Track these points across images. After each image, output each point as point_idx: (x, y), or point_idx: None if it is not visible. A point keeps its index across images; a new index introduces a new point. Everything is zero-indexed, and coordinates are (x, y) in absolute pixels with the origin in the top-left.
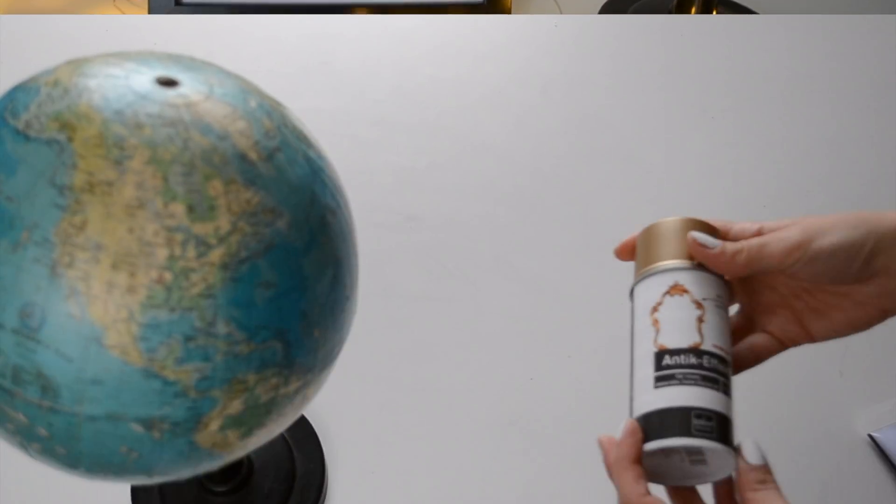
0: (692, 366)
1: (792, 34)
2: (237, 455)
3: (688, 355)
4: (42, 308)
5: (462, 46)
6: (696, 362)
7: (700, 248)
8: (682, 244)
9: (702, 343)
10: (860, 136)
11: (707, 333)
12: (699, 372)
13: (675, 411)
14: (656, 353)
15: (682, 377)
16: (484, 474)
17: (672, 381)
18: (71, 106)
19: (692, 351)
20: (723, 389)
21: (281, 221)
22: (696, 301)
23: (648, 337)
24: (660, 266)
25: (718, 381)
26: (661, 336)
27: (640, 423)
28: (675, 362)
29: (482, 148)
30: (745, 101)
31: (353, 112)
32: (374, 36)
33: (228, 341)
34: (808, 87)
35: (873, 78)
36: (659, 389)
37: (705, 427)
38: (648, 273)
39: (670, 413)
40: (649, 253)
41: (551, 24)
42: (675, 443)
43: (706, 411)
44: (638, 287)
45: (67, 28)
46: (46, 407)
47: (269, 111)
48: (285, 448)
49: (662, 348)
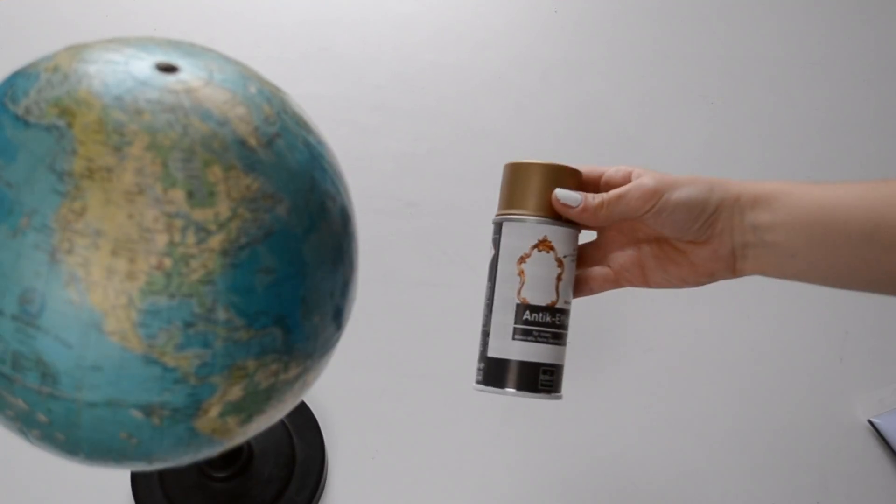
0: (547, 324)
1: (794, 17)
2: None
3: (545, 313)
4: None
5: (462, 32)
6: (549, 320)
7: (564, 207)
8: (550, 196)
9: (557, 301)
10: (862, 120)
11: (562, 291)
12: (552, 330)
13: (528, 366)
14: (518, 305)
15: (537, 334)
16: (484, 459)
17: (529, 336)
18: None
19: (548, 309)
20: (564, 342)
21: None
22: (559, 259)
23: (513, 285)
24: (530, 216)
25: (562, 335)
26: (525, 289)
27: (493, 364)
28: (533, 318)
29: (482, 134)
30: (744, 86)
31: (353, 98)
32: (374, 22)
33: (228, 327)
34: (809, 71)
35: (877, 61)
36: (517, 342)
37: (548, 381)
38: (518, 218)
39: (523, 367)
40: (520, 196)
41: (551, 9)
42: (522, 395)
43: (551, 366)
44: (507, 226)
45: (67, 13)
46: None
47: (268, 97)
48: (285, 434)
49: (525, 302)
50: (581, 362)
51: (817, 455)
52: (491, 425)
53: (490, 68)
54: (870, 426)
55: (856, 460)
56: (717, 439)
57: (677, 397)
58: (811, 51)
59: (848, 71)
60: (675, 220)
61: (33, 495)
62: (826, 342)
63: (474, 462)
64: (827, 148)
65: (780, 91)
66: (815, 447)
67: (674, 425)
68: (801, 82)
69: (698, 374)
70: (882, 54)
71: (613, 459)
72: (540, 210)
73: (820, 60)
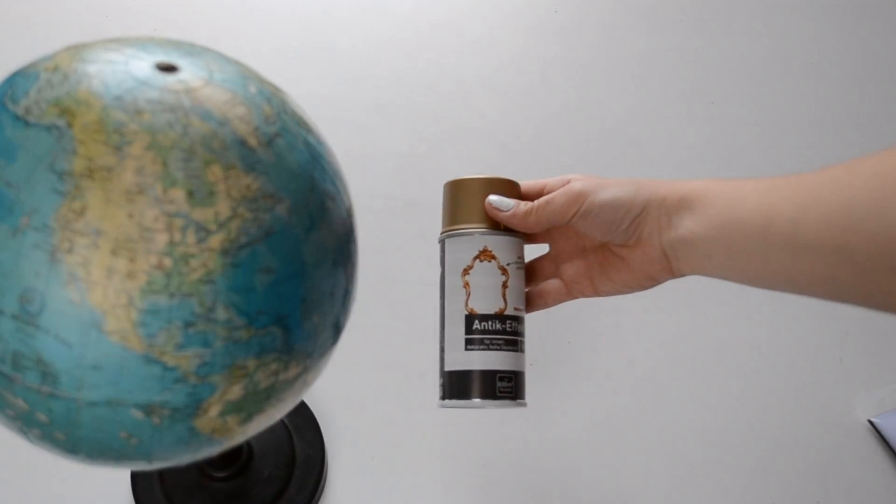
0: (497, 331)
1: (793, 17)
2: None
3: (493, 321)
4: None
5: (462, 32)
6: (500, 328)
7: (496, 211)
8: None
9: (505, 308)
10: (862, 120)
11: (510, 298)
12: (503, 337)
13: (484, 374)
14: (467, 316)
15: (489, 342)
16: (485, 459)
17: (480, 345)
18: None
19: (497, 317)
20: (520, 348)
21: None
22: (502, 267)
23: (460, 298)
24: (469, 228)
25: (517, 342)
26: (472, 300)
27: (451, 378)
28: (483, 327)
29: (482, 133)
30: (744, 86)
31: (353, 97)
32: (374, 21)
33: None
34: (809, 71)
35: (877, 61)
36: (469, 352)
37: (507, 388)
38: (459, 232)
39: (480, 375)
40: (460, 210)
41: (551, 9)
42: (482, 404)
43: (508, 373)
44: (449, 242)
45: (67, 13)
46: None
47: (268, 97)
48: (285, 434)
49: (473, 312)
50: (581, 363)
51: (817, 455)
52: (491, 425)
53: (490, 68)
54: (870, 426)
55: (856, 460)
56: (717, 439)
57: (677, 397)
58: (811, 51)
59: (848, 71)
60: (601, 222)
61: (33, 495)
62: (826, 342)
63: (474, 462)
64: (827, 148)
65: (780, 91)
66: (815, 447)
67: (674, 425)
68: (801, 82)
69: (698, 374)
70: (882, 54)
71: (614, 459)
72: (478, 222)
73: (820, 60)
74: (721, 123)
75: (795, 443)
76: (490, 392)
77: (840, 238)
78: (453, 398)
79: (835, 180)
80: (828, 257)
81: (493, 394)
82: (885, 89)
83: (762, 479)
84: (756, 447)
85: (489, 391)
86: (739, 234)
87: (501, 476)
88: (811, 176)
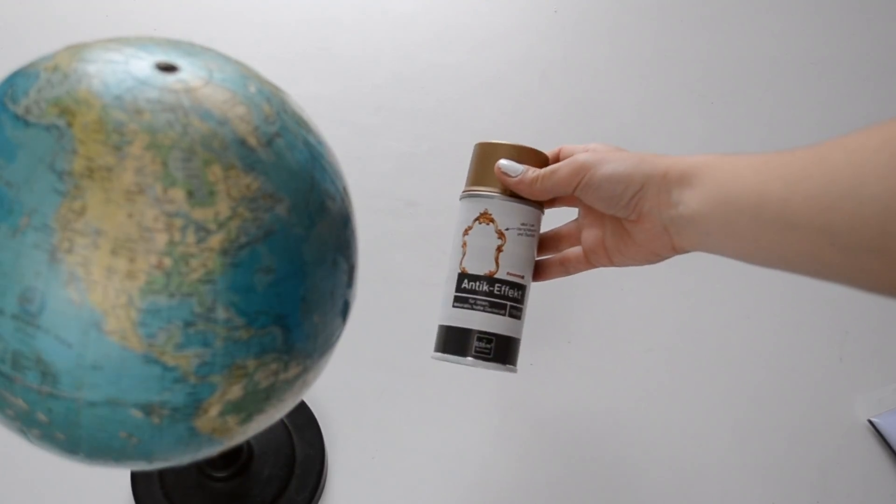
0: (484, 293)
1: (793, 17)
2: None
3: (482, 282)
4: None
5: (462, 32)
6: (487, 289)
7: (504, 176)
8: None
9: (496, 272)
10: (862, 120)
11: (503, 262)
12: (489, 299)
13: (462, 332)
14: (459, 275)
15: (473, 302)
16: (483, 460)
17: (465, 304)
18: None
19: (486, 279)
20: (509, 313)
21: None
22: (499, 231)
23: (457, 257)
24: (475, 190)
25: (506, 306)
26: (466, 260)
27: (440, 331)
28: (470, 287)
29: (482, 133)
30: (744, 86)
31: (353, 98)
32: (374, 21)
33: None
34: (809, 71)
35: (877, 61)
36: (455, 309)
37: (484, 349)
38: (467, 194)
39: (458, 332)
40: (473, 173)
41: (551, 9)
42: (456, 360)
43: (487, 334)
44: (462, 202)
45: (67, 13)
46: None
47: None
48: (285, 434)
49: (464, 271)
50: (581, 363)
51: (817, 455)
52: (492, 425)
53: (490, 68)
54: (870, 426)
55: (856, 460)
56: (717, 439)
57: (677, 397)
58: (811, 51)
59: (848, 71)
60: (601, 195)
61: (33, 495)
62: (826, 342)
63: (474, 462)
64: None
65: (780, 91)
66: (815, 447)
67: (674, 425)
68: (801, 82)
69: (698, 373)
70: (882, 54)
71: (614, 460)
72: (486, 185)
73: (820, 60)
74: (721, 123)
75: (795, 443)
76: (466, 349)
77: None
78: (438, 351)
79: (821, 157)
80: (812, 236)
81: (466, 351)
82: (886, 89)
83: (762, 478)
84: (756, 447)
85: (465, 349)
86: (734, 211)
87: (501, 476)
88: (802, 152)
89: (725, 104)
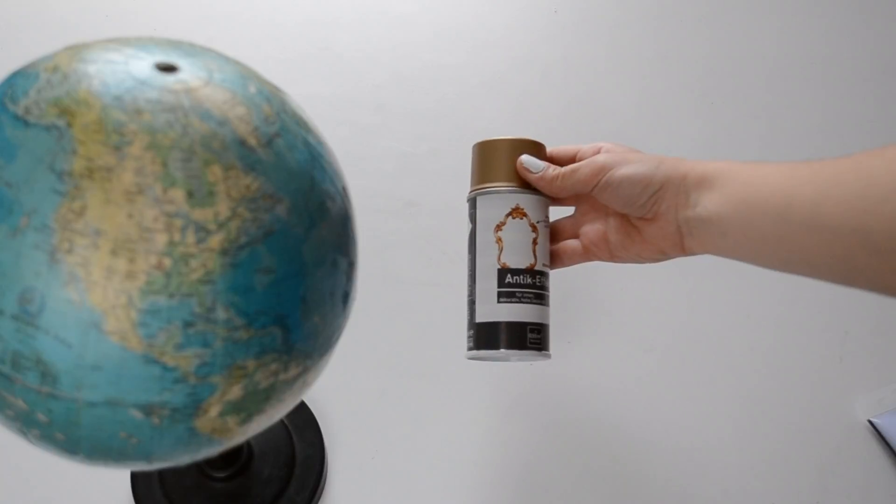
0: (528, 285)
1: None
2: (237, 441)
3: (525, 275)
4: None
5: (462, 32)
6: (531, 282)
7: (526, 171)
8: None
9: (535, 264)
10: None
11: (539, 254)
12: (533, 291)
13: (515, 325)
14: (500, 270)
15: (520, 295)
16: (484, 458)
17: (513, 298)
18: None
19: (528, 272)
20: (547, 302)
21: (280, 207)
22: (532, 224)
23: (492, 253)
24: (501, 186)
25: (545, 296)
26: (504, 255)
27: (483, 329)
28: (515, 281)
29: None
30: (744, 86)
31: (353, 98)
32: (374, 22)
33: (228, 327)
34: (809, 70)
35: (877, 61)
36: (502, 304)
37: (536, 339)
38: (492, 190)
39: (511, 326)
40: (492, 169)
41: (551, 9)
42: (507, 354)
43: (538, 325)
44: (481, 199)
45: (67, 13)
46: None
47: (268, 97)
48: (285, 434)
49: (505, 266)
50: (581, 363)
51: (817, 455)
52: (492, 425)
53: (490, 68)
54: (870, 426)
55: (856, 460)
56: (717, 439)
57: (677, 397)
58: (811, 51)
59: (848, 71)
60: (620, 195)
61: (33, 495)
62: (826, 342)
63: (474, 462)
64: (827, 148)
65: (780, 91)
66: (815, 447)
67: (674, 425)
68: (801, 82)
69: (698, 373)
70: (882, 54)
71: (614, 460)
72: (510, 180)
73: (820, 60)
74: (722, 124)
75: (795, 442)
76: (520, 342)
77: (859, 219)
78: (481, 348)
79: (857, 165)
80: (845, 238)
81: (523, 344)
82: (886, 89)
83: (762, 478)
84: (756, 447)
85: (520, 341)
86: (758, 212)
87: (501, 476)
88: (833, 161)
89: (726, 104)
